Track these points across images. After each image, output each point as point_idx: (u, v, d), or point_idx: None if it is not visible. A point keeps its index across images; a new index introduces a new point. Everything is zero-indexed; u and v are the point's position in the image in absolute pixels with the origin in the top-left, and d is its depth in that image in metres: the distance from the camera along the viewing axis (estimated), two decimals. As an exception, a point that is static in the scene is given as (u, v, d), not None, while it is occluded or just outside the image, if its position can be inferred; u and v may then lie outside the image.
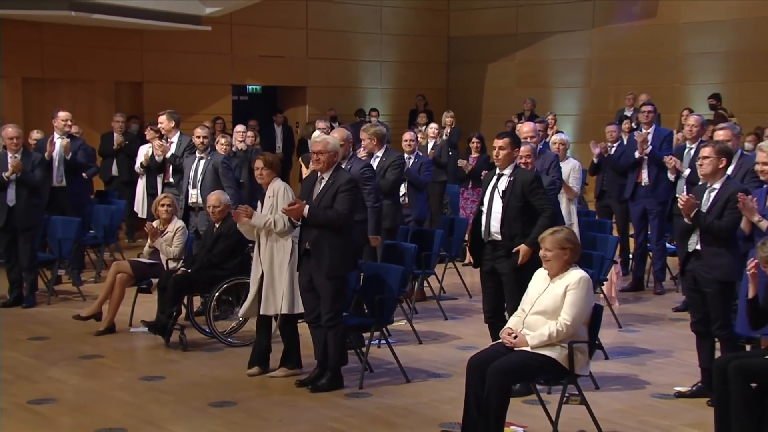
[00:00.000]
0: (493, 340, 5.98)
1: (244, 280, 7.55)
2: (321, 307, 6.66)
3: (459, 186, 12.02)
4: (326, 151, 6.69)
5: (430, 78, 19.51)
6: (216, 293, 7.92)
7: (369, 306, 7.18)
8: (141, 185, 11.79)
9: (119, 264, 8.70)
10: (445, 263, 10.18)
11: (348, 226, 6.76)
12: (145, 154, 11.40)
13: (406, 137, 10.33)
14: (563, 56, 18.45)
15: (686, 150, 9.36)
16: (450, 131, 13.93)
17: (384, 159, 8.88)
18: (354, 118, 17.20)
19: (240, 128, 12.99)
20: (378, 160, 8.85)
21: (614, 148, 10.74)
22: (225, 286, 7.95)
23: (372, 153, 8.90)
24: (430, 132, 13.08)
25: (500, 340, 5.54)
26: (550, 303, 5.45)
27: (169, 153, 10.25)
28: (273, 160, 7.10)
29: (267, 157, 7.10)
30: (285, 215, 6.75)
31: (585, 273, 5.54)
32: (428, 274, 9.42)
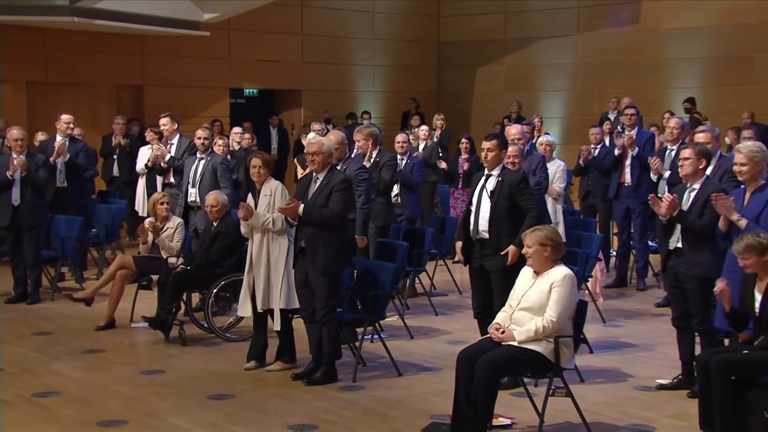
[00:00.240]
0: (482, 335, 5.99)
1: (242, 278, 7.52)
2: (316, 303, 6.66)
3: (449, 186, 12.02)
4: (321, 152, 6.69)
5: (422, 81, 19.52)
6: (214, 290, 7.90)
7: (362, 302, 7.17)
8: (141, 185, 11.74)
9: (123, 258, 8.68)
10: (436, 261, 10.17)
11: (342, 225, 6.76)
12: (151, 157, 11.34)
13: (399, 139, 10.32)
14: (549, 61, 18.48)
15: (667, 152, 9.39)
16: (441, 133, 13.92)
17: (378, 159, 8.88)
18: (347, 121, 17.19)
19: (237, 130, 12.97)
20: (372, 161, 8.84)
21: (598, 150, 10.76)
22: (223, 283, 7.93)
23: (365, 153, 8.89)
24: (421, 134, 13.08)
25: (489, 335, 5.55)
26: (536, 299, 5.46)
27: (168, 156, 10.27)
28: (270, 160, 7.11)
29: (265, 156, 7.10)
30: (282, 214, 6.74)
31: (569, 270, 5.54)
32: (419, 271, 9.41)
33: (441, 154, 12.82)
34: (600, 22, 17.89)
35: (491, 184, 6.59)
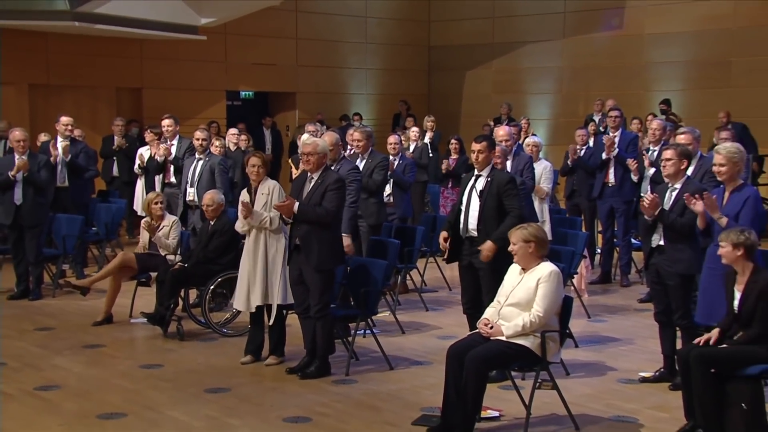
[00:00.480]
0: (471, 330, 6.00)
1: (238, 274, 7.52)
2: (310, 299, 6.66)
3: (440, 185, 12.03)
4: (316, 153, 6.69)
5: (412, 84, 19.51)
6: (211, 286, 7.90)
7: (355, 298, 7.17)
8: (140, 185, 11.72)
9: (126, 255, 8.66)
10: (426, 258, 10.18)
11: (336, 223, 6.76)
12: (140, 156, 11.33)
13: (391, 140, 10.30)
14: (536, 64, 18.49)
15: (650, 152, 9.42)
16: (431, 135, 13.92)
17: (370, 160, 8.87)
18: (340, 122, 17.18)
19: (233, 131, 12.95)
20: (364, 162, 8.84)
21: (583, 151, 10.78)
22: (219, 280, 7.92)
23: (358, 154, 8.89)
24: (412, 135, 13.09)
25: (477, 330, 5.56)
26: (524, 295, 5.47)
27: (171, 156, 10.27)
28: (268, 160, 7.12)
29: (264, 156, 7.12)
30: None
31: (555, 267, 5.55)
32: (410, 268, 9.41)
33: (431, 155, 12.82)
34: (585, 27, 17.90)
35: (481, 184, 6.60)
